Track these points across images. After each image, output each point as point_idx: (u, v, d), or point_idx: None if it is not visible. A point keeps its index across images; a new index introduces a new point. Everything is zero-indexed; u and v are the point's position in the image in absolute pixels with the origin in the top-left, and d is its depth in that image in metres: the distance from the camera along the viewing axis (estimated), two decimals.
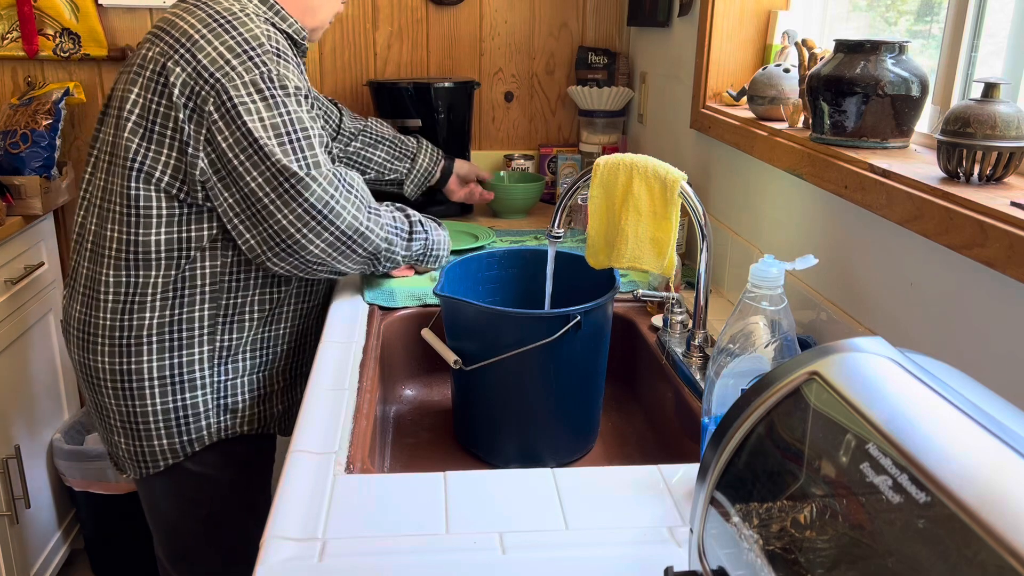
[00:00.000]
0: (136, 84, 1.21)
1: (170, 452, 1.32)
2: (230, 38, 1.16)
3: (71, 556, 2.22)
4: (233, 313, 1.30)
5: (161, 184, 1.21)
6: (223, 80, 1.14)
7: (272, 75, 1.16)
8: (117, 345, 1.26)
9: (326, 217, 1.18)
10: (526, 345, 1.07)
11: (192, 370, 1.29)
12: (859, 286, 1.06)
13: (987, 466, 0.37)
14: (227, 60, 1.15)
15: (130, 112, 1.21)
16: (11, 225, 1.87)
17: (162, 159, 1.20)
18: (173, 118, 1.18)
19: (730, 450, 0.54)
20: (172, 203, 1.22)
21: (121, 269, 1.24)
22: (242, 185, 1.17)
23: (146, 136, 1.20)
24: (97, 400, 1.32)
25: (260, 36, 1.18)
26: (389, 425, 1.30)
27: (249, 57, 1.16)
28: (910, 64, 1.04)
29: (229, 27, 1.17)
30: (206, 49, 1.16)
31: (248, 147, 1.15)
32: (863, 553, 0.41)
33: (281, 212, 1.17)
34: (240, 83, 1.14)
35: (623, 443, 1.26)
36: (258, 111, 1.15)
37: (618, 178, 1.15)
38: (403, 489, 0.86)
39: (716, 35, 1.53)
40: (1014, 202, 0.79)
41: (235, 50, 1.16)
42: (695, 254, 1.46)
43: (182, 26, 1.19)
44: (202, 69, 1.15)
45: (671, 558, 0.76)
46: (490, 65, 2.24)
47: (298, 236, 1.18)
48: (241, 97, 1.14)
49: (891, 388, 0.45)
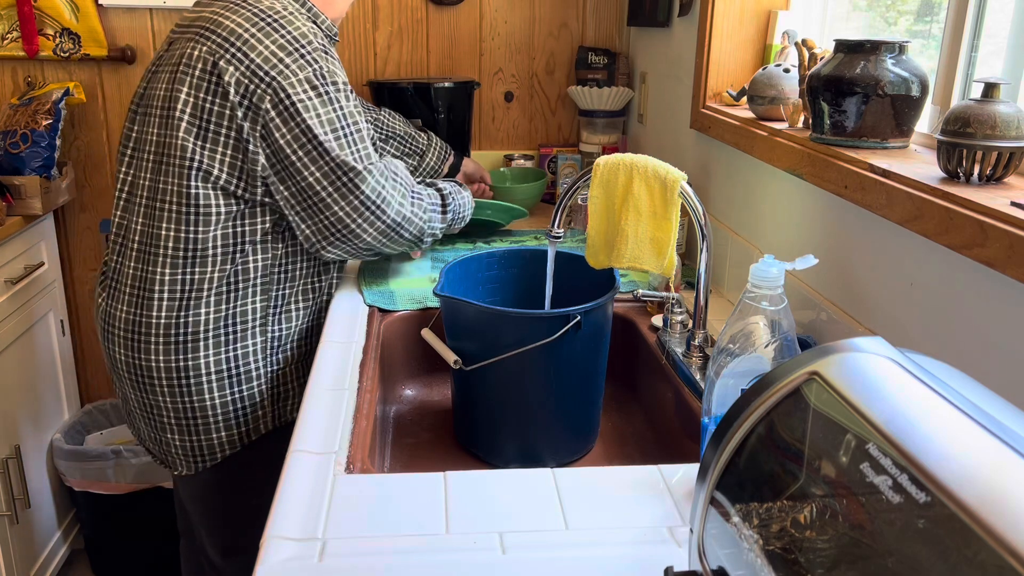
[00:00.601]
0: (185, 83, 1.22)
1: (228, 444, 1.34)
2: (280, 36, 1.20)
3: (71, 556, 2.22)
4: (282, 304, 1.34)
5: (219, 182, 1.24)
6: (279, 78, 1.18)
7: (324, 71, 1.21)
8: (173, 342, 1.27)
9: (379, 207, 1.25)
10: (526, 345, 1.07)
11: (247, 362, 1.32)
12: (859, 286, 1.06)
13: (987, 466, 0.37)
14: (280, 58, 1.19)
15: (182, 112, 1.22)
16: (11, 225, 1.88)
17: (218, 157, 1.23)
18: (229, 116, 1.20)
19: (730, 450, 0.54)
20: (230, 200, 1.25)
21: (177, 267, 1.26)
22: (299, 179, 1.22)
23: (201, 135, 1.22)
24: (147, 399, 1.32)
25: (308, 34, 1.22)
26: (389, 425, 1.30)
27: (301, 55, 1.20)
28: (910, 64, 1.04)
29: (277, 26, 1.21)
30: (258, 48, 1.19)
31: (307, 143, 1.20)
32: (863, 553, 0.41)
33: (338, 204, 1.23)
34: (295, 80, 1.18)
35: (623, 443, 1.26)
36: (315, 107, 1.19)
37: (618, 178, 1.15)
38: (403, 489, 0.86)
39: (716, 35, 1.53)
40: (1014, 202, 0.79)
41: (287, 48, 1.19)
42: (695, 254, 1.46)
43: (228, 25, 1.21)
44: (256, 68, 1.18)
45: (671, 558, 0.76)
46: (490, 65, 2.24)
47: (353, 226, 1.25)
48: (298, 94, 1.18)
49: (891, 388, 0.45)
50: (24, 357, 1.97)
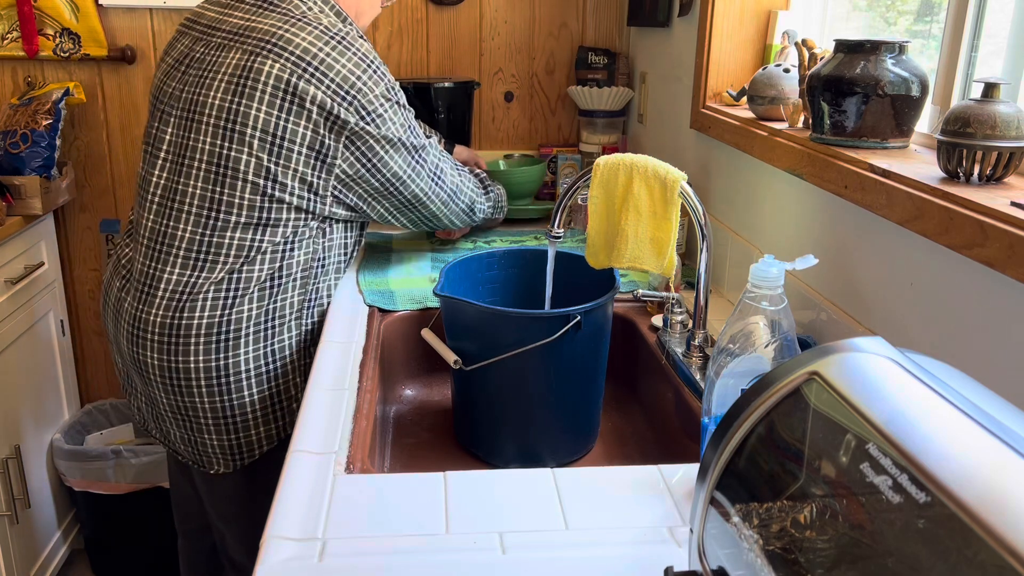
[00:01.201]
0: (255, 99, 1.23)
1: (266, 440, 1.35)
2: (352, 54, 1.27)
3: (71, 556, 2.22)
4: (316, 297, 1.37)
5: (292, 198, 1.28)
6: (359, 97, 1.26)
7: (391, 84, 1.31)
8: (215, 342, 1.28)
9: (439, 178, 1.42)
10: (526, 345, 1.07)
11: (284, 356, 1.34)
12: (859, 286, 1.06)
13: (987, 466, 0.37)
14: (358, 76, 1.26)
15: (254, 128, 1.24)
16: (11, 225, 1.88)
17: (290, 173, 1.26)
18: (311, 136, 1.25)
19: (730, 450, 0.54)
20: (299, 214, 1.30)
21: (231, 270, 1.28)
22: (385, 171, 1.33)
23: (275, 152, 1.25)
24: (182, 401, 1.32)
25: (370, 51, 1.31)
26: (389, 425, 1.30)
27: (374, 71, 1.28)
28: (910, 64, 1.04)
29: (346, 45, 1.27)
30: (335, 67, 1.25)
31: (391, 144, 1.31)
32: (863, 553, 0.41)
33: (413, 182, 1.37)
34: (372, 96, 1.27)
35: (623, 443, 1.26)
36: (390, 117, 1.30)
37: (618, 178, 1.15)
38: (403, 489, 0.86)
39: (716, 35, 1.53)
40: (1014, 202, 0.79)
41: (361, 65, 1.27)
42: (695, 254, 1.46)
43: (301, 44, 1.25)
44: (337, 87, 1.24)
45: (671, 558, 0.76)
46: (490, 65, 2.24)
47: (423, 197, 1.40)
48: (376, 108, 1.27)
49: (891, 388, 0.45)
50: (24, 357, 1.97)
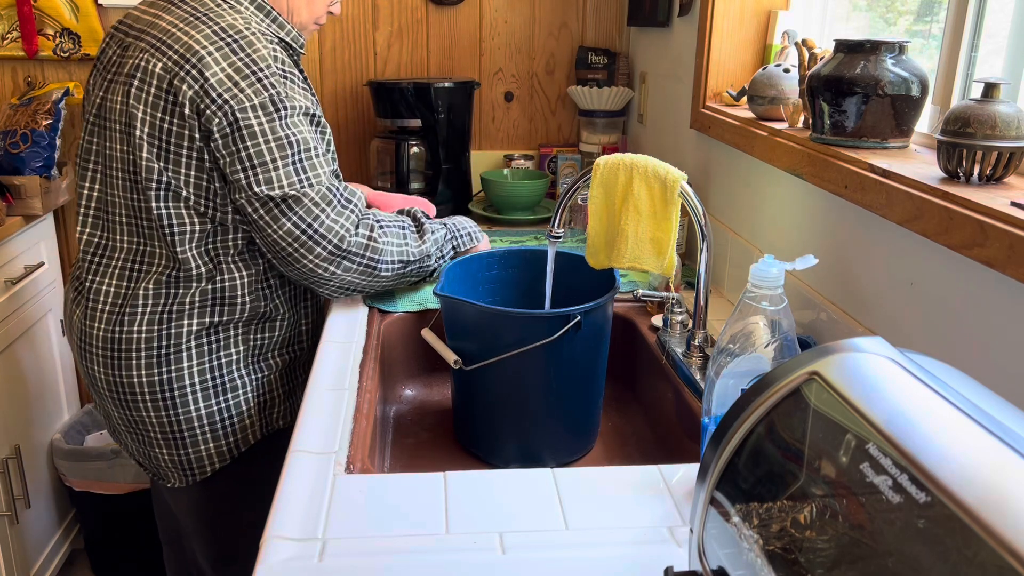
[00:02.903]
0: (141, 100, 1.19)
1: (217, 456, 1.32)
2: (238, 58, 1.17)
3: (71, 556, 2.22)
4: (265, 314, 1.32)
5: (189, 202, 1.22)
6: (231, 102, 1.15)
7: (278, 97, 1.18)
8: (155, 356, 1.26)
9: (316, 231, 1.21)
10: (526, 345, 1.07)
11: (231, 371, 1.31)
12: (859, 286, 1.06)
13: (987, 466, 0.37)
14: (236, 82, 1.16)
15: (142, 131, 1.19)
16: (11, 225, 1.88)
17: (182, 177, 1.21)
18: (188, 136, 1.18)
19: (730, 450, 0.54)
20: (204, 219, 1.24)
21: (161, 283, 1.25)
22: (244, 200, 1.20)
23: (163, 155, 1.20)
24: (130, 416, 1.31)
25: (267, 57, 1.19)
26: (389, 425, 1.30)
27: (258, 79, 1.17)
28: (910, 64, 1.04)
29: (237, 47, 1.17)
30: (213, 67, 1.16)
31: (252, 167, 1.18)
32: (863, 553, 0.41)
33: (271, 227, 1.20)
34: (248, 105, 1.16)
35: (623, 443, 1.26)
36: (263, 133, 1.17)
37: (618, 178, 1.15)
38: (403, 489, 0.86)
39: (716, 35, 1.53)
40: (1014, 202, 0.79)
41: (243, 71, 1.16)
42: (695, 254, 1.46)
43: (187, 41, 1.17)
44: (210, 88, 1.15)
45: (671, 558, 0.76)
46: (490, 65, 2.24)
47: (290, 250, 1.21)
48: (248, 119, 1.16)
49: (891, 388, 0.45)
50: (24, 357, 1.97)
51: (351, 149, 2.27)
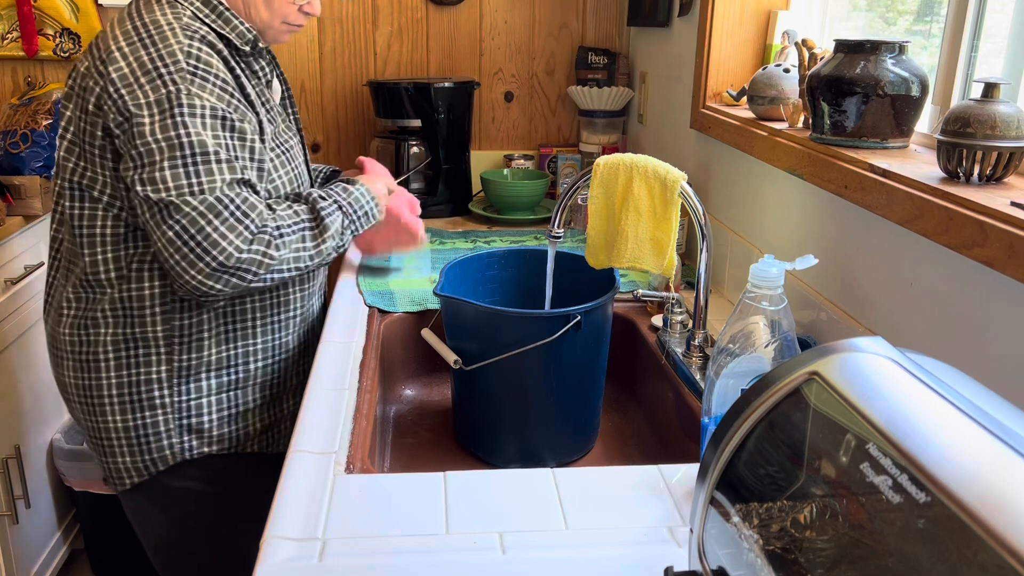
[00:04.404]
0: (70, 100, 1.19)
1: (134, 470, 1.28)
2: (145, 54, 1.11)
3: (71, 556, 2.22)
4: (189, 332, 1.24)
5: (101, 202, 1.18)
6: (126, 97, 1.10)
7: (176, 94, 1.10)
8: (79, 360, 1.24)
9: (200, 245, 1.09)
10: (526, 345, 1.07)
11: (151, 389, 1.25)
12: (859, 286, 1.06)
13: (987, 466, 0.37)
14: (136, 78, 1.10)
15: (66, 129, 1.19)
16: (11, 225, 1.88)
17: (97, 176, 1.18)
18: (95, 134, 1.15)
19: (730, 450, 0.54)
20: (117, 222, 1.19)
21: (80, 286, 1.23)
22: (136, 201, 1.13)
23: (76, 152, 1.18)
24: (72, 413, 1.32)
25: (177, 52, 1.12)
26: (389, 425, 1.30)
27: (159, 75, 1.10)
28: (910, 64, 1.04)
29: (148, 42, 1.12)
30: (119, 63, 1.11)
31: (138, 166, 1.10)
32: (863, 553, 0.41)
33: (156, 233, 1.11)
34: (144, 102, 1.10)
35: (623, 443, 1.26)
36: (152, 131, 1.09)
37: (618, 178, 1.15)
38: (403, 489, 0.86)
39: (716, 35, 1.53)
40: (1014, 202, 0.79)
41: (146, 67, 1.11)
42: (695, 254, 1.46)
43: (107, 39, 1.15)
44: (110, 84, 1.11)
45: (671, 558, 0.76)
46: (490, 65, 2.24)
47: (172, 262, 1.11)
48: (140, 116, 1.09)
49: (891, 388, 0.45)
50: (24, 357, 1.97)
51: (351, 149, 2.27)
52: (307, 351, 1.38)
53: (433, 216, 2.03)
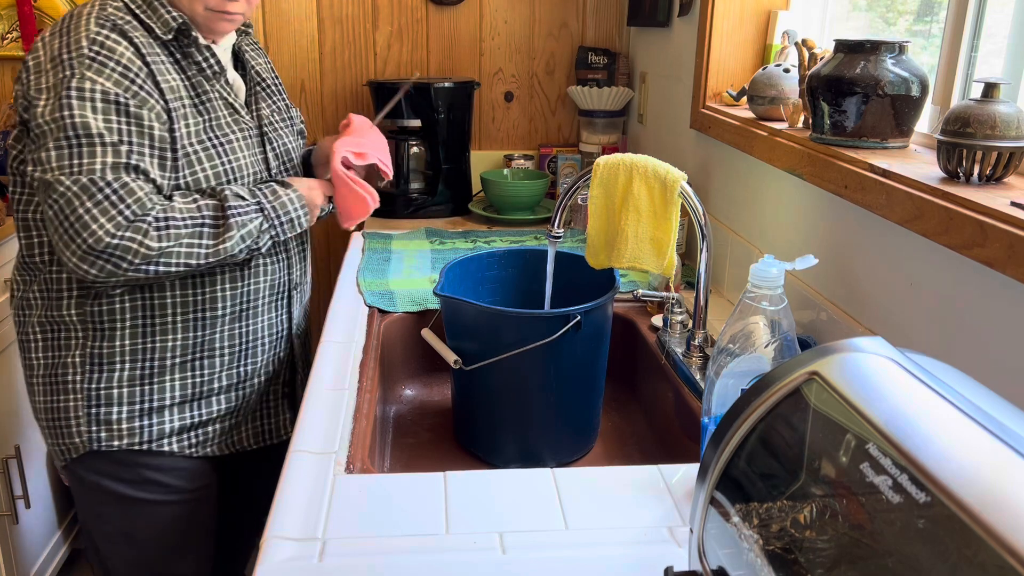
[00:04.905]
0: None
1: (57, 453, 1.29)
2: (57, 43, 1.13)
3: (71, 556, 2.22)
4: (102, 318, 1.23)
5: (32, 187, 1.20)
6: (32, 83, 1.14)
7: (68, 78, 1.10)
8: (21, 340, 1.30)
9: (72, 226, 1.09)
10: (526, 345, 1.07)
11: (66, 373, 1.25)
12: (859, 286, 1.06)
13: (987, 466, 0.37)
14: (44, 65, 1.13)
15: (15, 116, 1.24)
16: (10, 225, 1.87)
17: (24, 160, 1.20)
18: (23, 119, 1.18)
19: (730, 450, 0.54)
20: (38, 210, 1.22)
21: (20, 268, 1.28)
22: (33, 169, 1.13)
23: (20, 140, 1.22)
24: None
25: (82, 40, 1.12)
26: (389, 425, 1.30)
27: (61, 60, 1.12)
28: (910, 64, 1.04)
29: (63, 32, 1.14)
30: (36, 51, 1.15)
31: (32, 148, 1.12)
32: (863, 553, 0.41)
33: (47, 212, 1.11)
34: (44, 87, 1.12)
35: (623, 443, 1.26)
36: (42, 113, 1.10)
37: (618, 178, 1.15)
38: (403, 489, 0.86)
39: (716, 35, 1.53)
40: (1014, 202, 0.79)
41: (54, 54, 1.13)
42: (695, 254, 1.46)
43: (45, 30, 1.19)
44: (24, 71, 1.15)
45: (671, 558, 0.76)
46: (490, 65, 2.24)
47: (55, 240, 1.11)
48: (38, 100, 1.12)
49: (891, 388, 0.45)
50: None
51: None
52: (247, 353, 1.32)
53: (433, 216, 2.03)
